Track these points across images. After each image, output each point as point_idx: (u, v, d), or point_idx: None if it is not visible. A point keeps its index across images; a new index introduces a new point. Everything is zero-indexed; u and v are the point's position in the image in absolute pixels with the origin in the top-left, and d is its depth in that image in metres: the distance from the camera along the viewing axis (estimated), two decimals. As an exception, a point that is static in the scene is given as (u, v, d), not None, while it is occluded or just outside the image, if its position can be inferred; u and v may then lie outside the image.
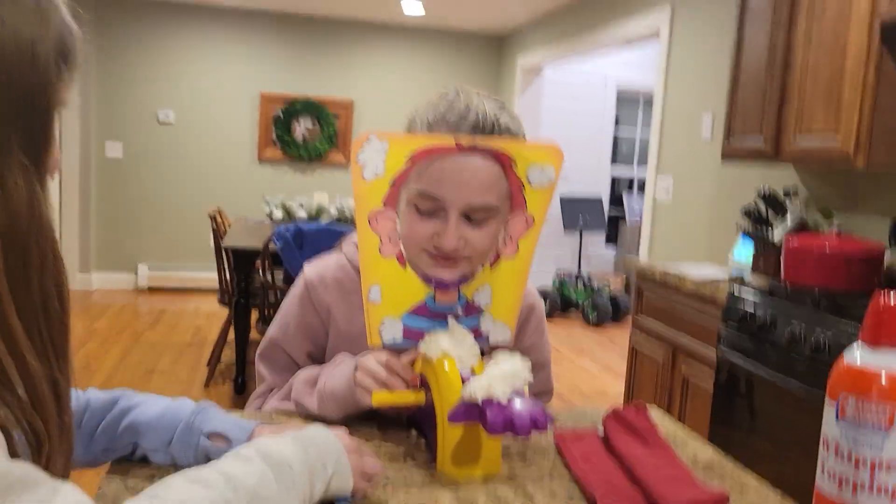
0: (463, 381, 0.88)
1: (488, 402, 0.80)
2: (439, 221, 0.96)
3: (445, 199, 0.94)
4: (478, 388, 0.81)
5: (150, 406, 0.90)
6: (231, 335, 4.11)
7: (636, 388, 3.04)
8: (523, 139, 1.02)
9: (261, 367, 1.14)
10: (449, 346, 0.91)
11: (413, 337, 0.96)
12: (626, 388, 3.12)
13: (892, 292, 0.59)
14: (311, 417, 1.02)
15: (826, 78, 2.36)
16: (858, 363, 0.60)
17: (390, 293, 0.95)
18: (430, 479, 0.86)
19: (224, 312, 5.31)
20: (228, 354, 4.33)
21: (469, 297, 0.99)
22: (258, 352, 1.15)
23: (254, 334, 3.87)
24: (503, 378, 0.81)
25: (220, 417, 0.88)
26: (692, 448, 1.01)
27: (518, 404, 0.80)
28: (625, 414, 1.02)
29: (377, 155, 0.91)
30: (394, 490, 0.82)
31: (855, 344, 0.61)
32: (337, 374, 1.01)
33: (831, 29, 2.36)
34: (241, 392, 3.79)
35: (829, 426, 0.62)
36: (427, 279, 0.97)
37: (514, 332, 1.03)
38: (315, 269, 1.13)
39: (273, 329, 1.14)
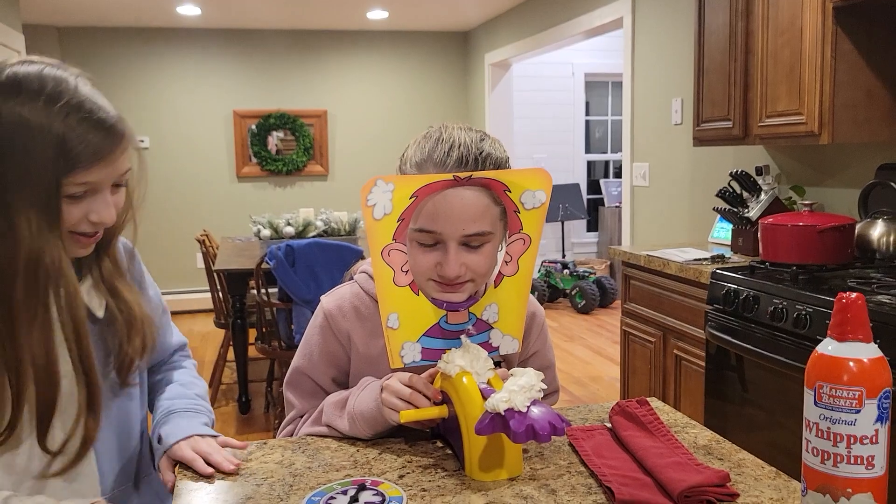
0: (482, 394, 0.97)
1: (510, 413, 0.89)
2: (440, 252, 1.05)
3: (443, 232, 1.03)
4: (500, 402, 0.90)
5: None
6: (230, 355, 4.17)
7: (630, 371, 3.14)
8: (507, 159, 1.12)
9: (289, 395, 1.23)
10: (465, 363, 1.00)
11: (431, 357, 1.05)
12: (621, 371, 3.23)
13: (852, 294, 0.69)
14: (343, 438, 1.11)
15: (786, 61, 2.48)
16: (830, 354, 0.70)
17: (407, 319, 1.04)
18: (461, 485, 0.95)
19: (216, 332, 5.36)
20: (228, 375, 4.40)
21: (478, 315, 1.08)
22: (286, 381, 1.23)
23: (252, 352, 3.93)
24: (521, 391, 0.90)
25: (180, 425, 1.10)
26: (692, 433, 1.11)
27: (537, 413, 0.89)
28: (629, 407, 1.12)
29: (384, 195, 0.99)
30: (431, 498, 0.91)
31: (826, 339, 0.71)
32: (364, 396, 1.09)
33: (787, 13, 2.47)
34: (245, 412, 3.86)
35: (809, 410, 0.71)
36: (438, 303, 1.06)
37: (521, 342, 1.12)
38: (333, 299, 1.21)
39: (298, 359, 1.22)
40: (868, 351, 0.69)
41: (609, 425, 1.12)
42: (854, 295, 0.69)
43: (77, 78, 0.97)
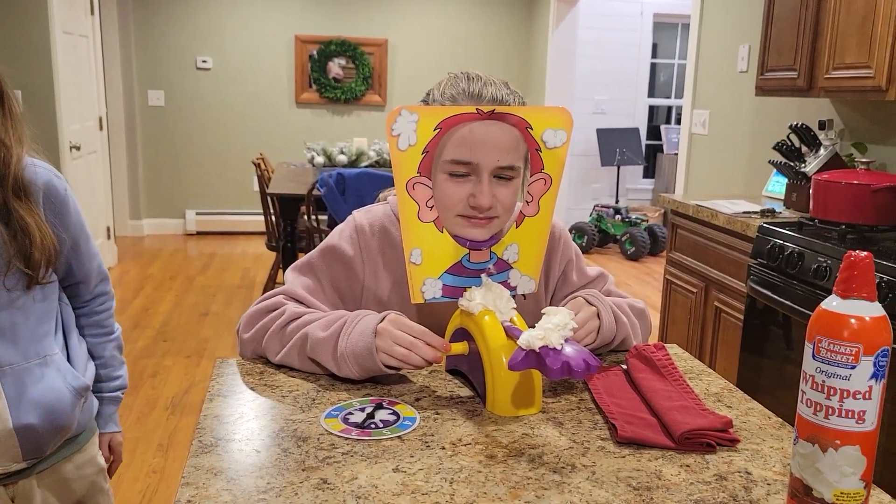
0: (506, 332, 1.00)
1: (545, 350, 0.92)
2: (472, 184, 1.07)
3: (479, 162, 1.06)
4: (535, 339, 0.92)
5: None
6: (279, 278, 4.31)
7: (670, 320, 3.15)
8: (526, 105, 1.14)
9: (290, 276, 1.23)
10: (487, 301, 1.03)
11: (451, 294, 1.08)
12: (660, 320, 3.24)
13: (861, 252, 0.69)
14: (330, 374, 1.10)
15: (859, 11, 2.36)
16: (832, 311, 0.70)
17: (429, 255, 1.07)
18: (472, 413, 0.99)
19: (269, 255, 5.52)
20: (278, 295, 4.53)
21: (499, 255, 1.10)
22: (293, 265, 1.24)
23: (302, 276, 4.05)
24: (555, 329, 0.93)
25: None
26: (706, 381, 1.13)
27: (571, 351, 0.92)
28: (646, 351, 1.14)
29: (409, 126, 1.01)
30: (443, 421, 0.96)
31: (831, 295, 0.72)
32: (356, 338, 1.05)
33: (865, -40, 2.34)
34: (292, 331, 4.00)
35: (807, 363, 0.73)
36: (462, 241, 1.08)
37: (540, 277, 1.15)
38: (364, 215, 1.24)
39: (314, 254, 1.23)
40: (871, 309, 0.69)
41: (625, 367, 1.15)
42: (864, 253, 0.69)
43: None
